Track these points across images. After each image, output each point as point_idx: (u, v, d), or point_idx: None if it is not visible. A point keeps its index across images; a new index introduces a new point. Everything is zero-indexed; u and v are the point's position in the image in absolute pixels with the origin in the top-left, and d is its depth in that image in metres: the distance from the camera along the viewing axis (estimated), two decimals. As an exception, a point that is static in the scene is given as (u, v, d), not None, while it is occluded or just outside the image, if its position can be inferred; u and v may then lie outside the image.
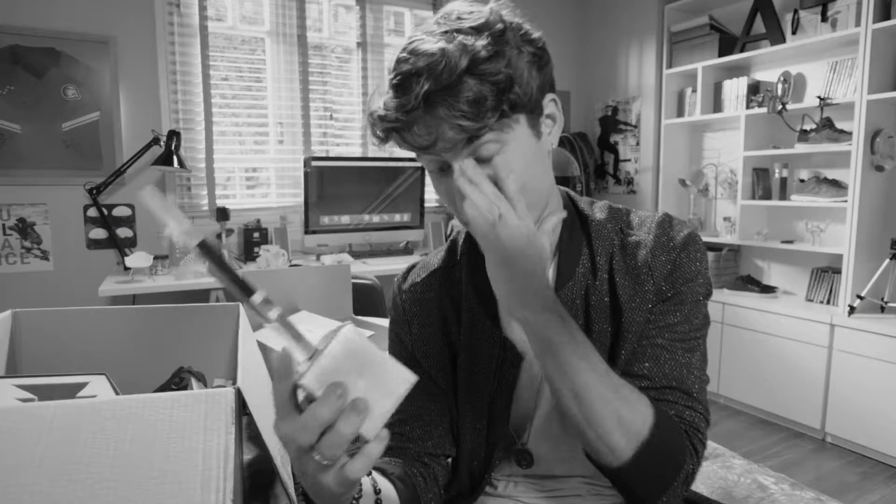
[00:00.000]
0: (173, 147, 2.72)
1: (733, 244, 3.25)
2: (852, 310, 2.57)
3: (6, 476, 0.52)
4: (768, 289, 3.07)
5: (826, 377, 2.63)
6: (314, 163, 3.02)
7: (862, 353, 2.49)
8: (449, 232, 3.43)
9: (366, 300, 1.87)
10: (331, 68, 3.34)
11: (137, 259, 2.48)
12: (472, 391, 0.76)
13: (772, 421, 2.90)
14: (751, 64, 3.22)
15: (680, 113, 3.51)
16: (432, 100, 0.58)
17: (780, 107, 2.84)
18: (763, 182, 3.10)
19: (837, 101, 2.69)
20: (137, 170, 2.84)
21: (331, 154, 3.36)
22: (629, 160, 3.85)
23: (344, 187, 3.13)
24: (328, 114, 3.34)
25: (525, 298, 0.59)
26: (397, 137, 0.63)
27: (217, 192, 3.10)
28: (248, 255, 2.97)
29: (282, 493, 0.76)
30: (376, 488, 0.64)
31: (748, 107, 3.09)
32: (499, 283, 0.60)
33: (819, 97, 2.73)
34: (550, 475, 0.79)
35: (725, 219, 3.31)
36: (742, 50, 3.15)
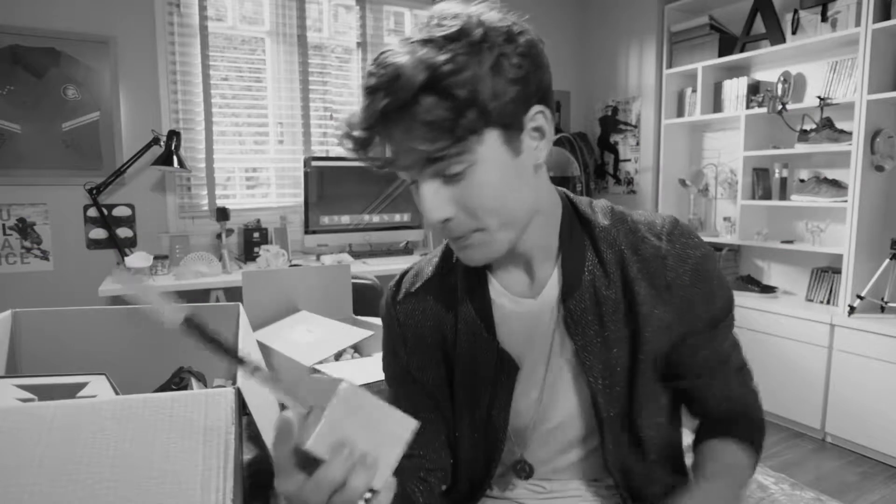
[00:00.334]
0: (173, 147, 2.72)
1: (733, 244, 3.25)
2: (852, 310, 2.57)
3: (6, 476, 0.52)
4: (768, 289, 3.07)
5: (826, 377, 2.63)
6: (314, 163, 3.02)
7: (862, 353, 2.49)
8: (449, 232, 3.43)
9: (366, 300, 1.86)
10: (331, 68, 3.34)
11: (137, 259, 2.48)
12: (470, 401, 0.75)
13: (772, 421, 2.90)
14: (751, 64, 3.22)
15: (680, 113, 3.51)
16: (389, 117, 0.55)
17: (780, 107, 2.84)
18: (763, 182, 3.10)
19: (837, 101, 2.69)
20: (138, 170, 2.84)
21: (331, 154, 3.35)
22: (629, 160, 3.85)
23: (344, 187, 3.13)
24: (328, 114, 3.34)
25: None
26: (361, 153, 0.60)
27: (217, 192, 3.10)
28: (248, 255, 2.96)
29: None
30: None
31: (748, 107, 3.09)
32: None
33: (819, 97, 2.73)
34: (549, 479, 0.79)
35: (725, 219, 3.31)
36: (742, 50, 3.15)
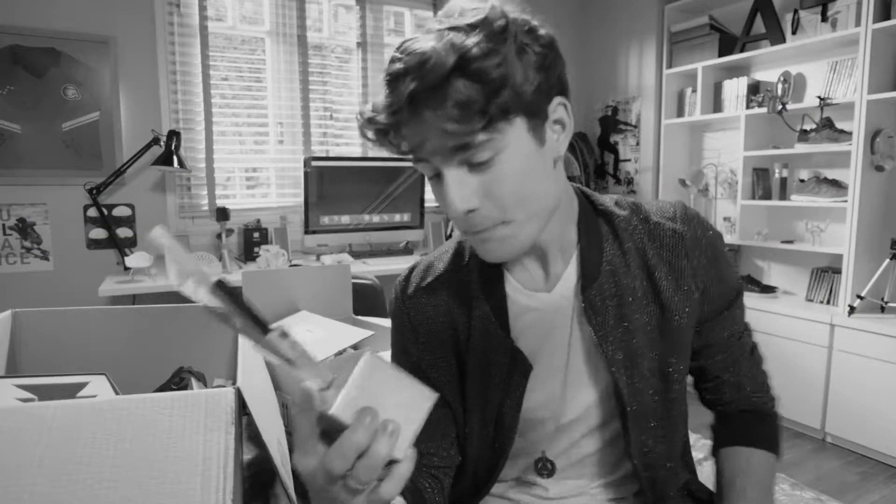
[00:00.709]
0: (173, 147, 2.72)
1: (733, 244, 3.25)
2: (852, 310, 2.57)
3: (6, 476, 0.52)
4: (768, 289, 3.07)
5: (826, 377, 2.63)
6: (314, 163, 3.02)
7: (862, 353, 2.49)
8: (449, 232, 3.43)
9: (366, 300, 1.86)
10: (331, 68, 3.34)
11: (137, 259, 2.48)
12: (481, 399, 0.75)
13: (772, 421, 2.90)
14: (751, 64, 3.22)
15: (680, 113, 3.51)
16: (418, 101, 0.55)
17: (780, 107, 2.84)
18: (763, 182, 3.10)
19: (837, 101, 2.69)
20: (138, 170, 2.85)
21: (331, 154, 3.36)
22: (629, 160, 3.85)
23: (344, 187, 3.13)
24: (328, 114, 3.34)
25: None
26: (384, 140, 0.60)
27: (217, 192, 3.10)
28: (248, 255, 2.97)
29: (282, 493, 0.76)
30: None
31: (748, 107, 3.09)
32: None
33: (819, 97, 2.73)
34: (566, 477, 0.79)
35: (725, 219, 3.31)
36: (742, 50, 3.15)
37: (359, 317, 1.53)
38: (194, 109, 2.99)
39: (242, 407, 0.65)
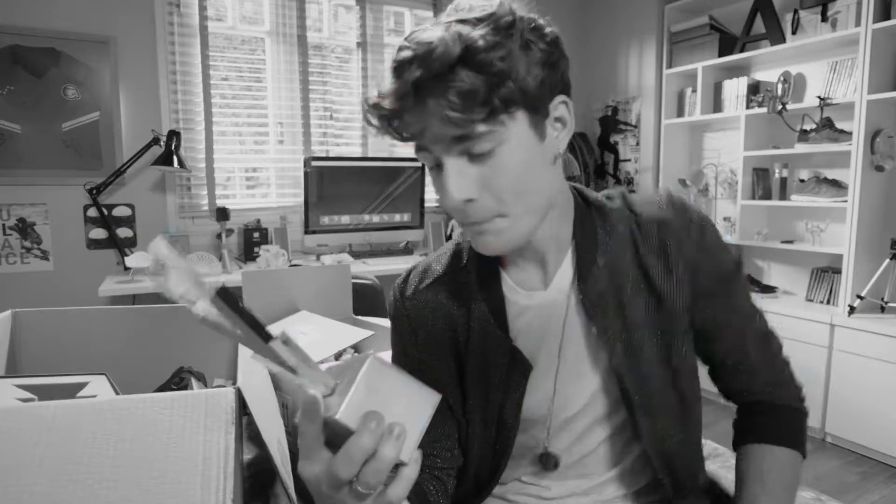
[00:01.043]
0: (173, 147, 2.72)
1: (733, 244, 3.25)
2: (852, 310, 2.57)
3: (6, 476, 0.52)
4: (768, 289, 3.07)
5: (826, 377, 2.63)
6: (314, 163, 3.02)
7: (862, 353, 2.49)
8: (449, 232, 3.43)
9: (366, 300, 1.86)
10: (331, 68, 3.34)
11: (137, 259, 2.48)
12: (482, 400, 0.75)
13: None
14: (751, 64, 3.22)
15: (680, 113, 3.51)
16: (423, 88, 0.56)
17: (780, 107, 2.84)
18: (763, 182, 3.10)
19: (837, 101, 2.69)
20: (138, 170, 2.84)
21: (331, 154, 3.35)
22: (629, 160, 3.85)
23: (344, 187, 3.13)
24: (328, 114, 3.34)
25: None
26: (388, 127, 0.61)
27: (217, 192, 3.10)
28: (248, 255, 2.97)
29: (282, 493, 0.76)
30: None
31: (748, 107, 3.09)
32: None
33: (819, 97, 2.73)
34: (570, 472, 0.78)
35: (725, 219, 3.31)
36: (742, 50, 3.15)
37: (359, 317, 1.53)
38: (194, 109, 2.99)
39: (242, 407, 0.65)
